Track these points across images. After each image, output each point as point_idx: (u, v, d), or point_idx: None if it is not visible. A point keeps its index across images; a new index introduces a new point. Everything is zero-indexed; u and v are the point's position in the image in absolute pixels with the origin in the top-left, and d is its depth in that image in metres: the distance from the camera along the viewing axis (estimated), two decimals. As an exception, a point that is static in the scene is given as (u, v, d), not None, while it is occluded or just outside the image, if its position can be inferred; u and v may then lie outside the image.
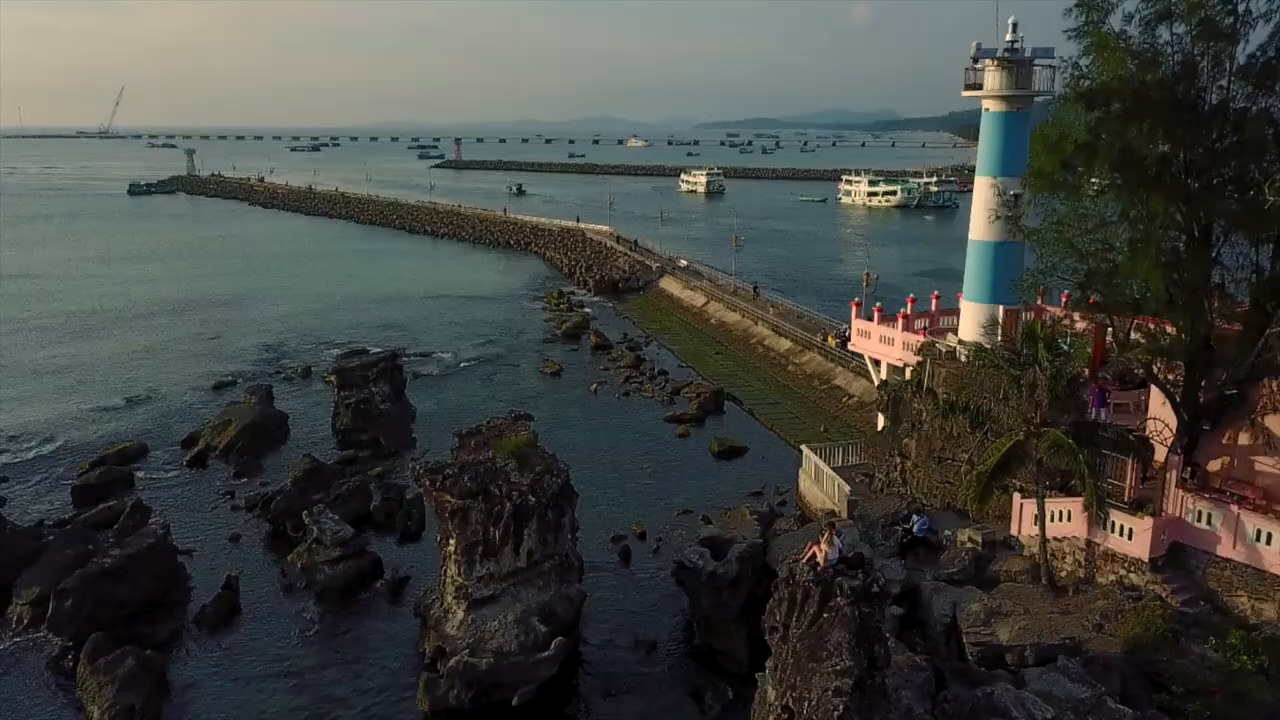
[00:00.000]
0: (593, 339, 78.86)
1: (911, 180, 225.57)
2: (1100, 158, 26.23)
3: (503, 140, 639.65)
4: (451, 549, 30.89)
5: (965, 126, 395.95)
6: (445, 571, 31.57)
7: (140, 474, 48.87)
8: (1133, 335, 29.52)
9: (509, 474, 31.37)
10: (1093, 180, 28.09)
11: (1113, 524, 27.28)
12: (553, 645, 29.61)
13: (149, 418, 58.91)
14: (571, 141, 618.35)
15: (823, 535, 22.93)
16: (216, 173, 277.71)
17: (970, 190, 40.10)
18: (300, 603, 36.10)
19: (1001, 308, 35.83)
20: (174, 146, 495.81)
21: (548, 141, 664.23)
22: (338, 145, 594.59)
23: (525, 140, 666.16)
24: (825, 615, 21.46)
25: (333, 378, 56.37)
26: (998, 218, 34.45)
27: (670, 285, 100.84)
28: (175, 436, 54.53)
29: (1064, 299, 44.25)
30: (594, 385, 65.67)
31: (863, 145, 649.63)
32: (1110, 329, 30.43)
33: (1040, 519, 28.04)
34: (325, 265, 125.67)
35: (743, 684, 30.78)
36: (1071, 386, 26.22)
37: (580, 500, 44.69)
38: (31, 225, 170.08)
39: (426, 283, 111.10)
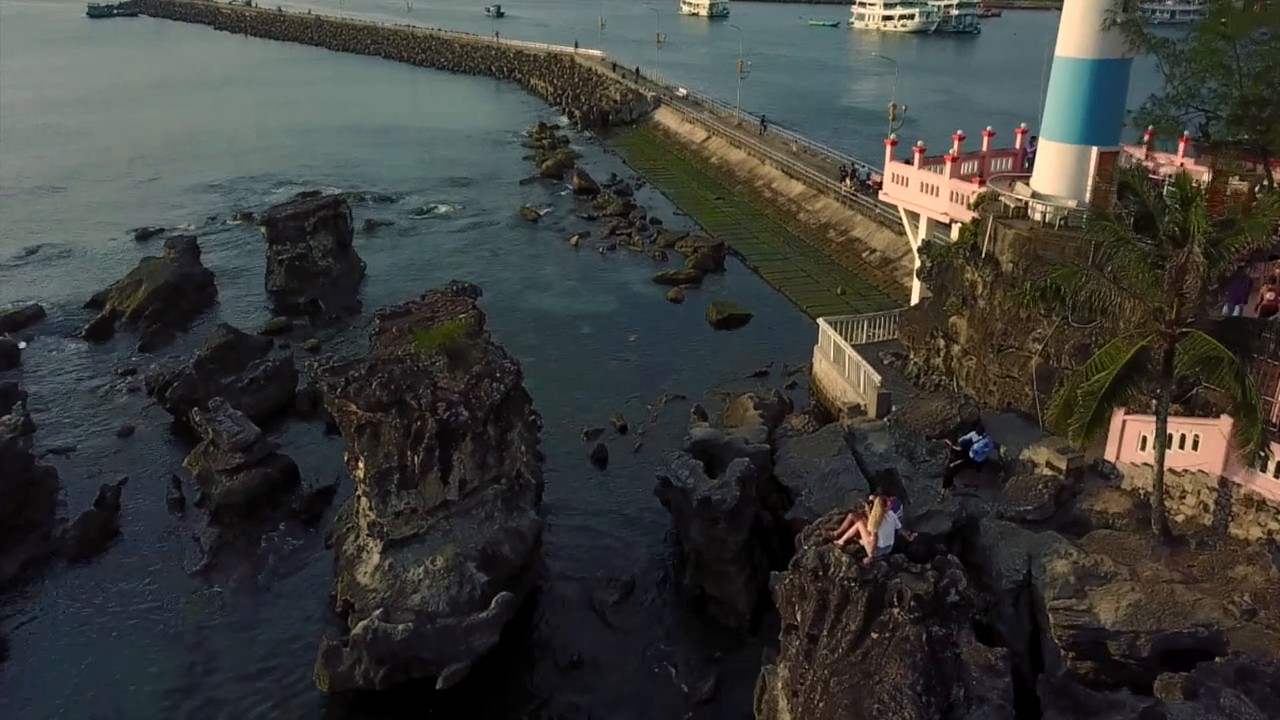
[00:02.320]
0: (576, 181, 69.50)
1: (930, 3, 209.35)
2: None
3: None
4: (361, 475, 23.35)
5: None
6: (357, 502, 24.19)
7: (26, 346, 40.89)
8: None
9: (435, 377, 23.44)
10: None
11: (1263, 459, 19.57)
12: (494, 603, 22.41)
13: (56, 275, 50.42)
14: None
15: (869, 507, 15.11)
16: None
17: (995, 14, 30.72)
18: (192, 524, 28.88)
19: (1095, 150, 27.04)
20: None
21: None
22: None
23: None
24: (875, 635, 13.92)
25: (263, 229, 47.73)
26: (1113, 23, 25.01)
27: (666, 118, 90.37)
28: (81, 299, 46.24)
29: (1147, 137, 35.41)
30: (574, 237, 57.01)
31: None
32: (1260, 184, 21.81)
33: (1159, 445, 20.26)
34: (289, 96, 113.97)
35: (741, 643, 23.97)
36: (1237, 274, 17.93)
37: (551, 384, 37.23)
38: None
39: (398, 116, 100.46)
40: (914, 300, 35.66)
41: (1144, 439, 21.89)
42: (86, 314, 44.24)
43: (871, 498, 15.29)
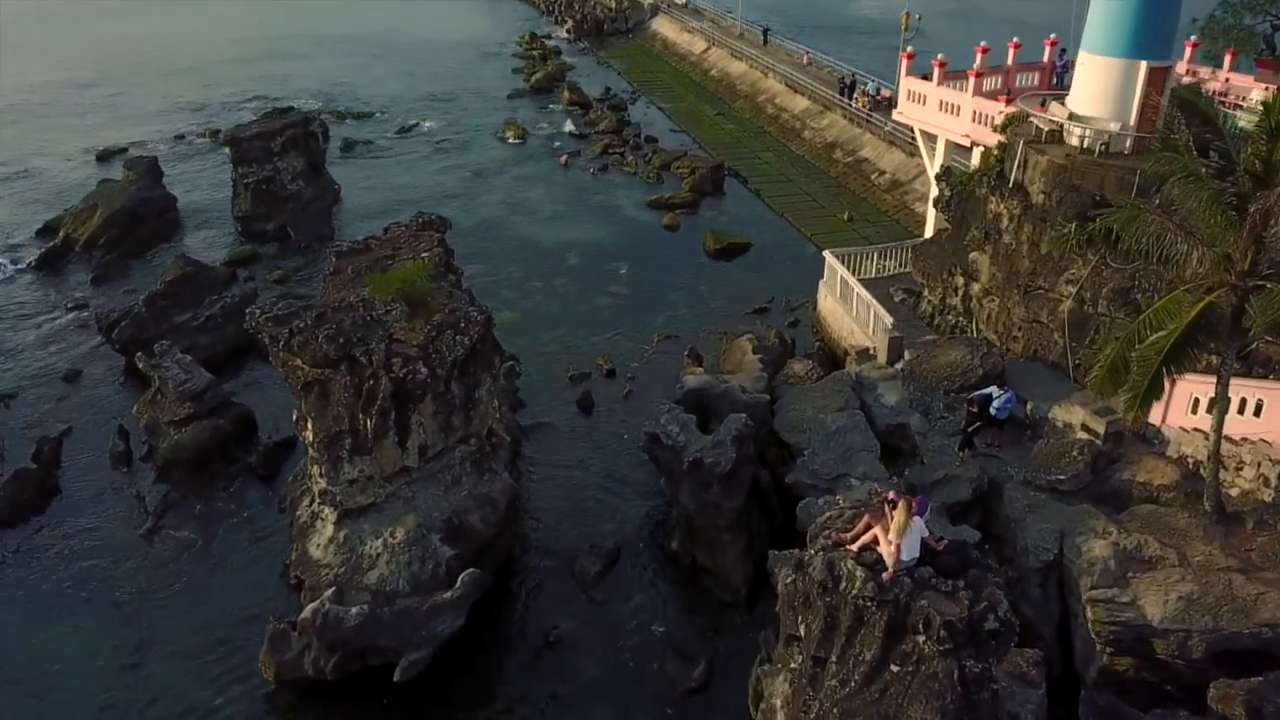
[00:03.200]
0: (567, 95, 65.51)
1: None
2: None
3: None
4: (310, 439, 20.76)
5: None
6: (309, 466, 21.68)
7: (-31, 278, 38.07)
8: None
9: (392, 328, 20.65)
10: None
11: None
12: (460, 581, 20.03)
13: (6, 199, 47.11)
14: None
15: (888, 505, 12.50)
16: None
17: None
18: (139, 480, 26.44)
19: (1145, 65, 23.77)
20: None
21: None
22: None
23: None
24: (895, 668, 11.45)
25: (227, 149, 44.30)
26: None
27: (664, 28, 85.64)
28: (33, 226, 43.08)
29: (1189, 49, 32.03)
30: (564, 157, 53.50)
31: None
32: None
33: (1219, 411, 17.59)
34: (267, 3, 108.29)
35: (736, 620, 21.71)
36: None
37: (534, 322, 34.61)
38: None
39: (382, 25, 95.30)
40: (929, 232, 32.63)
41: (1196, 401, 19.24)
42: (38, 243, 41.24)
43: (892, 495, 12.68)
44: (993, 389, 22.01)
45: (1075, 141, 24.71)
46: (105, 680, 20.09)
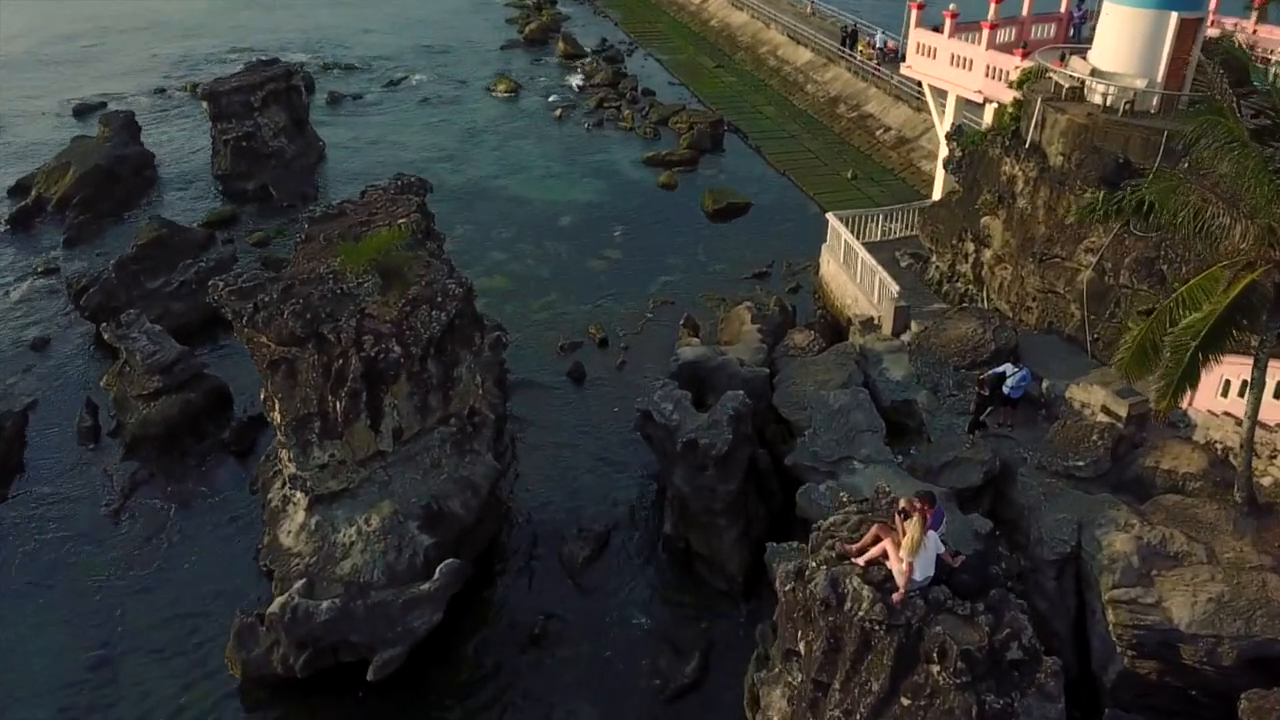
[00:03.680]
0: (562, 46, 63.33)
1: None
2: None
3: None
4: (277, 421, 19.45)
5: None
6: (278, 451, 20.42)
7: (-65, 240, 36.50)
8: None
9: (364, 302, 19.24)
10: None
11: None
12: (438, 572, 18.84)
13: (-20, 155, 45.42)
14: None
15: (900, 516, 11.21)
16: None
17: None
18: (106, 457, 25.21)
19: (1175, 16, 22.07)
20: None
21: None
22: None
23: None
24: (906, 701, 10.26)
25: (205, 104, 42.46)
26: None
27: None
28: (4, 183, 41.37)
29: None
30: (558, 111, 51.59)
31: None
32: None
33: (1254, 395, 16.23)
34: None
35: (732, 609, 20.61)
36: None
37: (524, 288, 33.21)
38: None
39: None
40: (937, 194, 31.08)
41: (1227, 384, 17.90)
42: (8, 202, 39.46)
43: (903, 504, 11.35)
44: (1006, 366, 20.65)
45: (1097, 99, 23.11)
46: (65, 676, 18.99)
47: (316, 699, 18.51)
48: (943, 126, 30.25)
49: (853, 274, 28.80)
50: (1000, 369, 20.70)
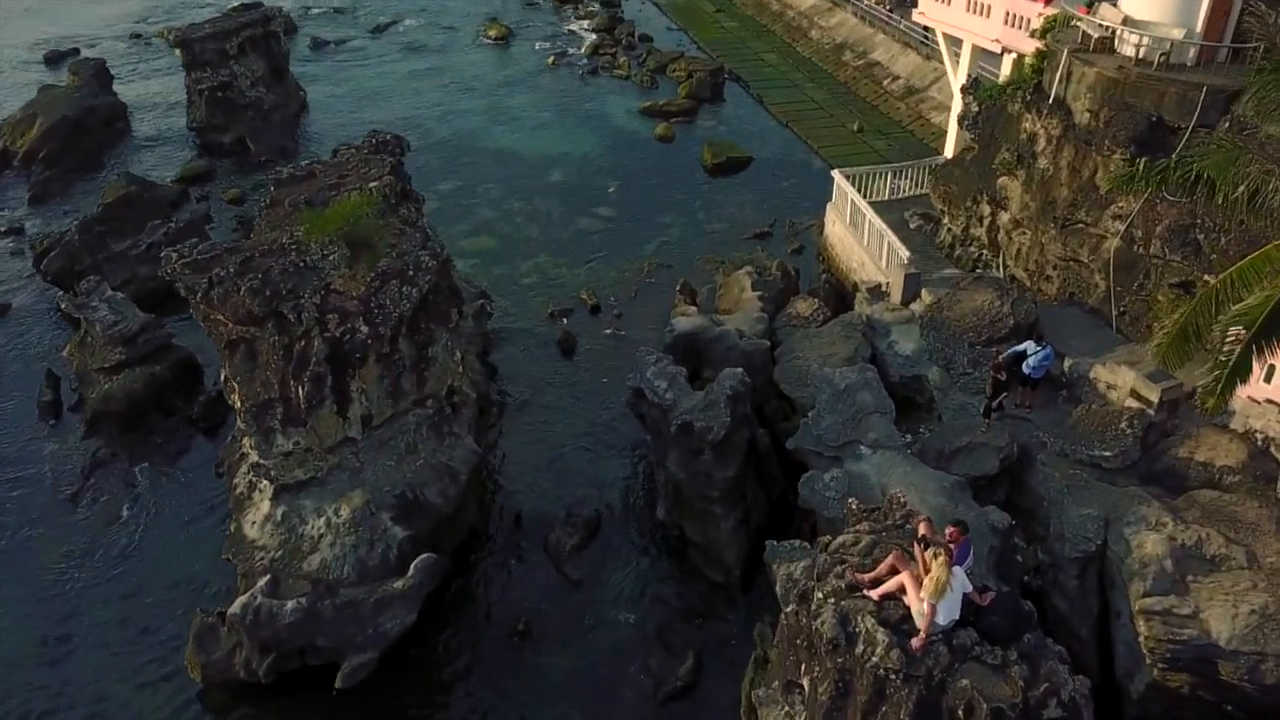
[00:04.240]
0: (557, -10, 60.75)
1: None
2: None
3: None
4: (238, 405, 17.98)
5: None
6: (240, 437, 18.98)
7: (-105, 198, 34.73)
8: None
9: (329, 277, 17.65)
10: None
11: None
12: (412, 568, 17.51)
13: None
14: None
15: (920, 545, 9.76)
16: None
17: None
18: (67, 434, 23.80)
19: (1217, -40, 20.15)
20: None
21: None
22: None
23: None
24: (926, 764, 8.83)
25: (178, 52, 40.36)
26: None
27: (662, -85, 79.45)
28: (-29, 136, 39.49)
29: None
30: (551, 58, 49.35)
31: None
32: None
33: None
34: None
35: (728, 603, 19.33)
36: None
37: (512, 249, 31.58)
38: None
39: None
40: (949, 151, 29.24)
41: (1270, 369, 16.39)
42: (-26, 157, 37.68)
43: (923, 530, 9.81)
44: (1027, 344, 19.09)
45: (1129, 51, 21.22)
46: (14, 677, 17.81)
47: (284, 701, 17.31)
48: (957, 79, 28.32)
49: (860, 236, 27.10)
50: (1020, 347, 19.15)
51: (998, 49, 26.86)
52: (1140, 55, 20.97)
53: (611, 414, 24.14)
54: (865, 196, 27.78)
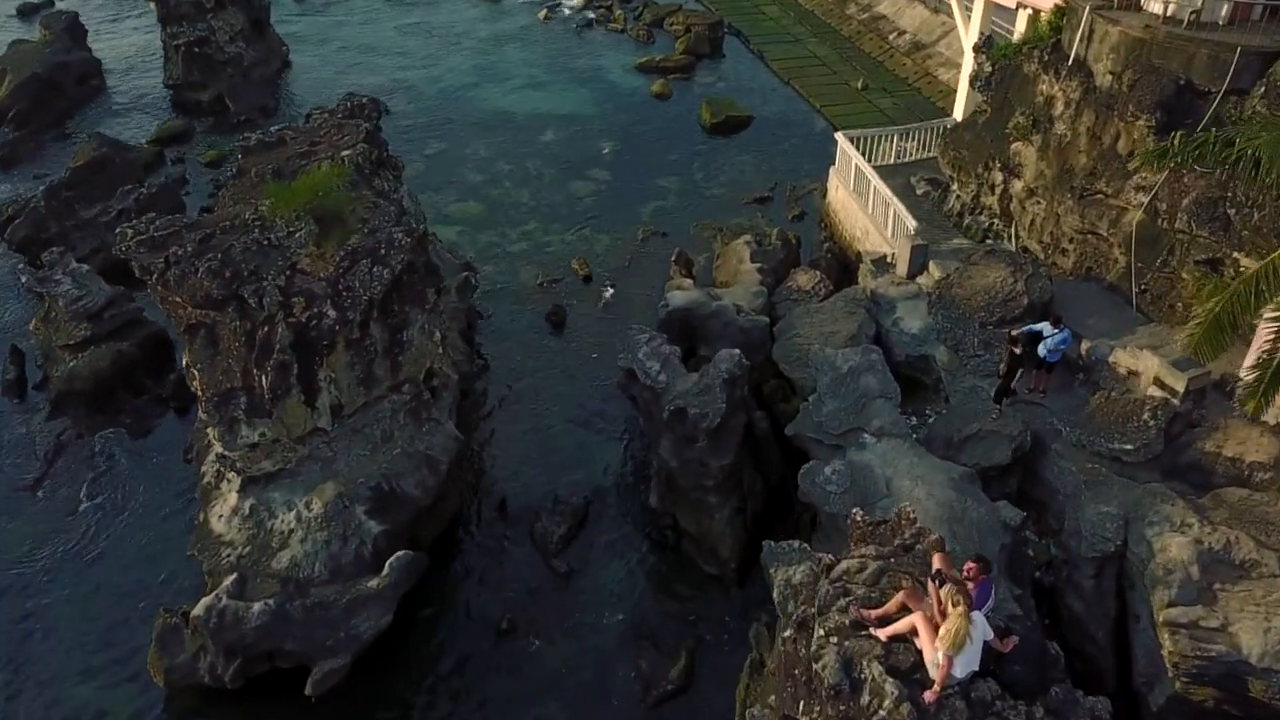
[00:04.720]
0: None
1: None
2: None
3: None
4: (200, 394, 16.84)
5: None
6: (204, 427, 17.85)
7: None
8: None
9: (296, 256, 16.40)
10: None
11: None
12: (387, 567, 16.50)
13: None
14: None
15: (934, 582, 8.63)
16: None
17: None
18: (31, 415, 22.70)
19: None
20: None
21: None
22: None
23: None
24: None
25: (153, 4, 38.62)
26: None
27: None
28: (-62, 95, 37.90)
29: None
30: (543, 11, 47.50)
31: None
32: None
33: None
34: None
35: (724, 598, 18.36)
36: None
37: (500, 214, 30.27)
38: None
39: None
40: (959, 113, 27.79)
41: (1310, 357, 15.21)
42: (-59, 116, 36.13)
43: (938, 564, 8.68)
44: (1044, 324, 17.89)
45: (1156, 8, 19.81)
46: (-28, 674, 16.87)
47: (252, 706, 16.37)
48: (968, 35, 26.81)
49: (864, 203, 25.82)
50: (1037, 326, 17.95)
51: (1012, 4, 25.37)
52: (1169, 13, 19.59)
53: (602, 394, 23.02)
54: (870, 160, 26.47)
